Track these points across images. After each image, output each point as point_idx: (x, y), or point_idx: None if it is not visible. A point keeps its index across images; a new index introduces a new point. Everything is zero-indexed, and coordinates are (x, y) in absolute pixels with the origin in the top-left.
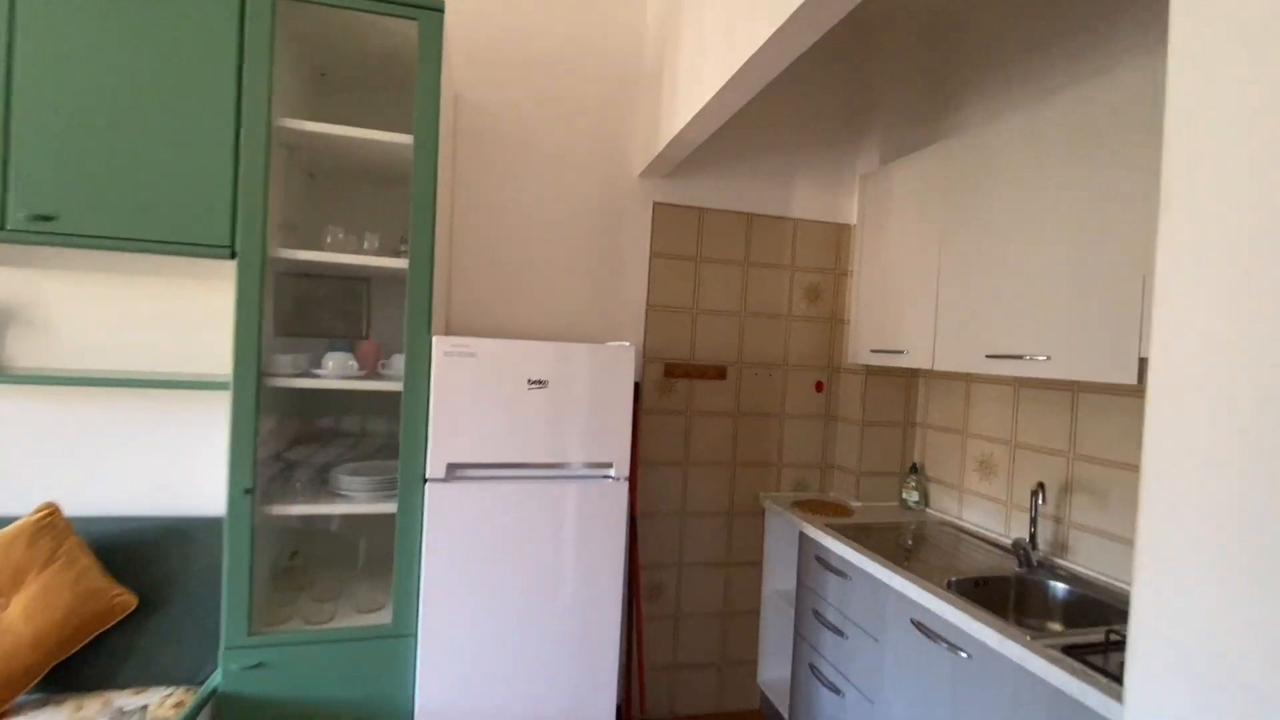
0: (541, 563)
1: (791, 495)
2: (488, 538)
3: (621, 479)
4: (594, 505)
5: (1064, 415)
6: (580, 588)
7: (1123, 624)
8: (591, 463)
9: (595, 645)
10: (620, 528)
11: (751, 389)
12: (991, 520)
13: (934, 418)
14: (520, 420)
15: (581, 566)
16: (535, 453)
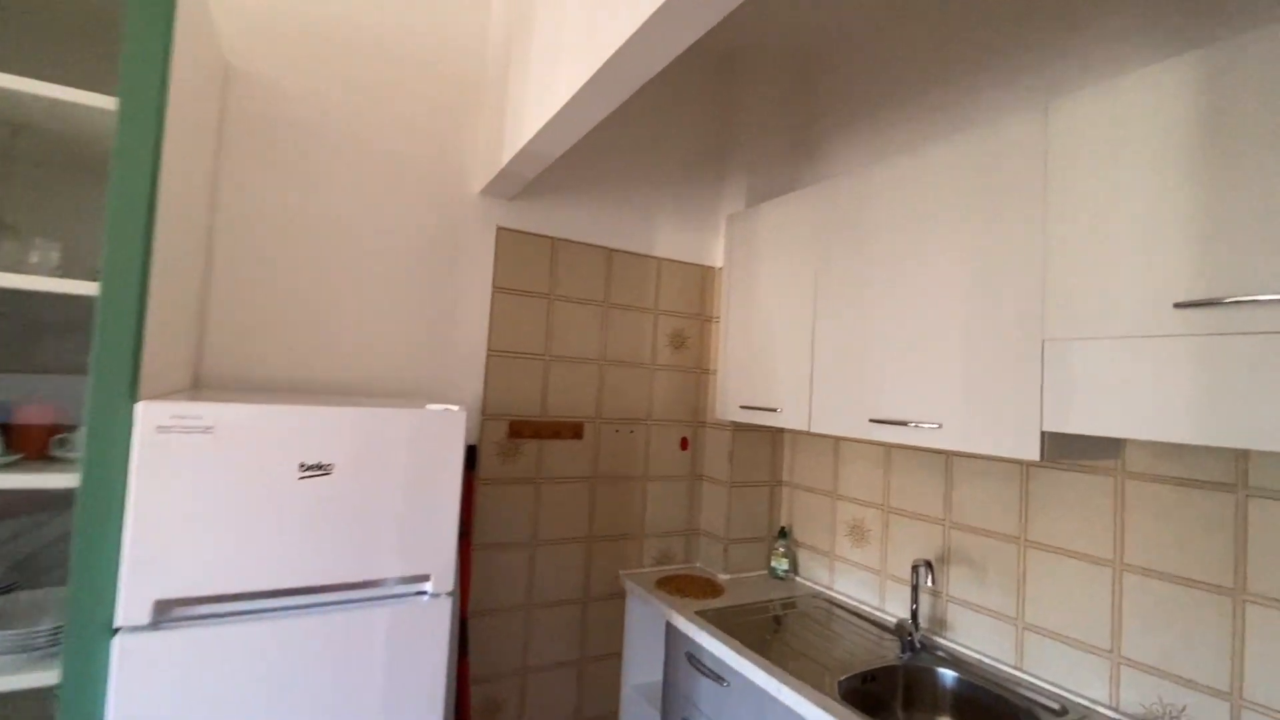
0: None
1: (655, 571)
2: (229, 713)
3: (443, 594)
4: (404, 636)
5: (938, 480)
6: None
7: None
8: (402, 577)
9: None
10: (440, 658)
11: (612, 448)
12: (866, 592)
13: (802, 477)
14: (288, 526)
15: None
16: (310, 573)
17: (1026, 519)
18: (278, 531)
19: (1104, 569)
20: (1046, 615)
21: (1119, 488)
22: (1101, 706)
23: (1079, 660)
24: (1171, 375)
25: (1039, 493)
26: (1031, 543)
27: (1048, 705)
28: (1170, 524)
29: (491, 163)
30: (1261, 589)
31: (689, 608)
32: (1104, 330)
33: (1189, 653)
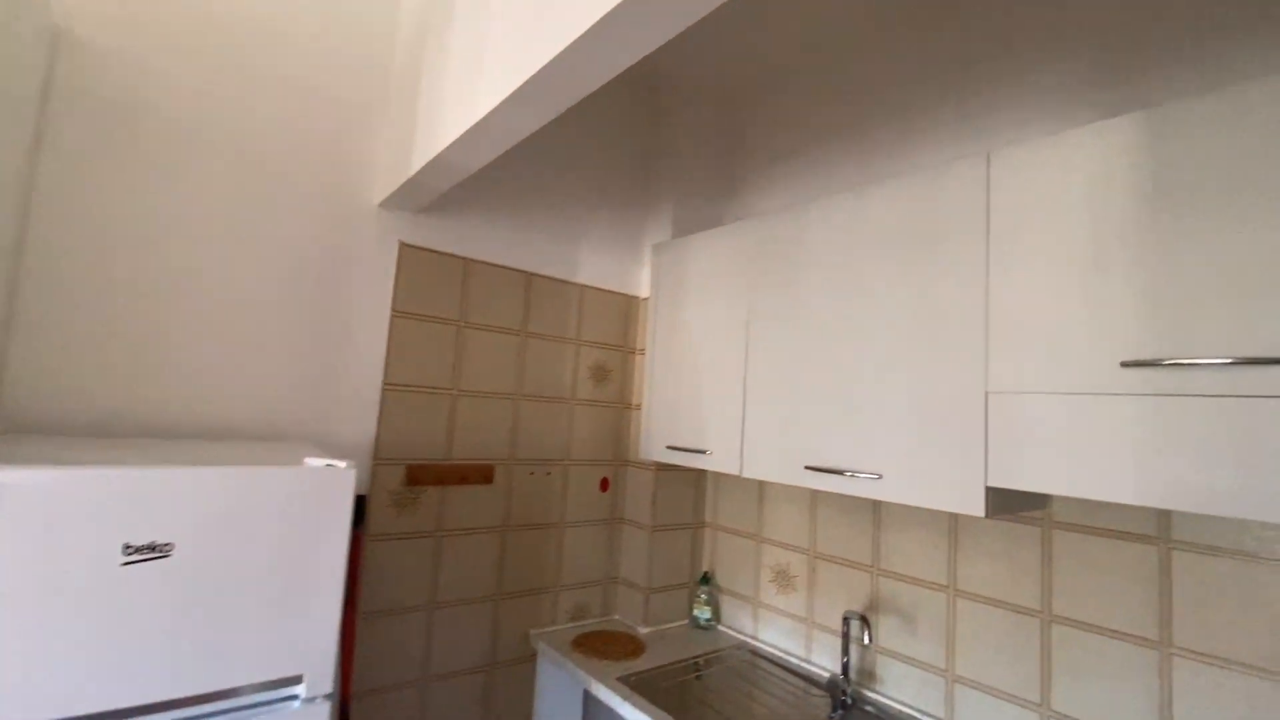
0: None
1: (571, 628)
2: None
3: (319, 698)
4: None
5: (867, 524)
6: None
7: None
8: (266, 682)
9: None
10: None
11: (526, 493)
12: (792, 642)
13: (726, 518)
14: (105, 629)
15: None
16: (135, 690)
17: (956, 567)
18: (92, 638)
19: (1032, 619)
20: (977, 667)
21: (1046, 538)
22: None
23: (1009, 714)
24: (1118, 434)
25: (968, 542)
26: (961, 592)
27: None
28: (1097, 575)
29: (396, 170)
30: (1187, 642)
31: (610, 673)
32: (1050, 385)
33: (1117, 707)
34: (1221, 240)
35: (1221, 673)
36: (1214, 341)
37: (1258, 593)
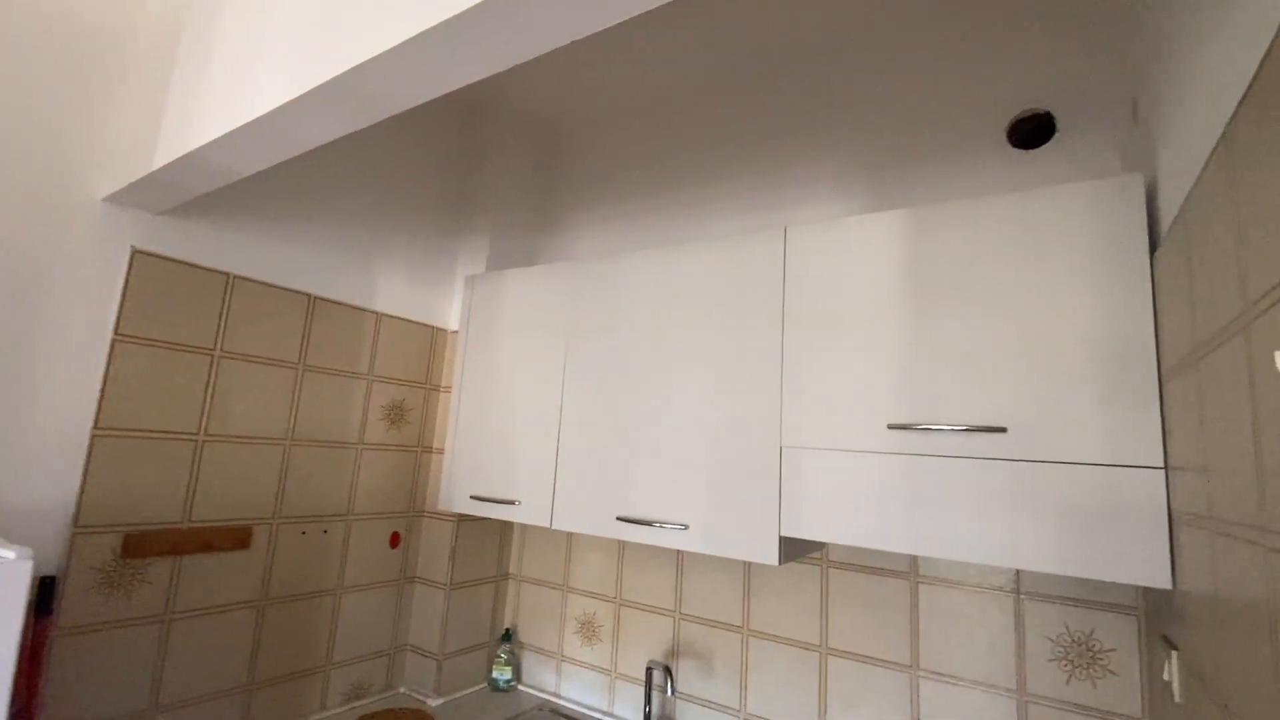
0: None
1: (345, 711)
2: None
3: None
4: None
5: (670, 570)
6: None
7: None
8: None
9: None
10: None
11: (296, 556)
12: (594, 695)
13: (530, 569)
14: None
15: None
16: None
17: (749, 608)
18: None
19: (812, 653)
20: (765, 703)
21: (824, 576)
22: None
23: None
24: (884, 488)
25: (759, 583)
26: (753, 632)
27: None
28: (864, 609)
29: (132, 161)
30: (931, 665)
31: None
32: (831, 443)
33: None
34: (957, 324)
35: (954, 689)
36: (952, 410)
37: (982, 618)
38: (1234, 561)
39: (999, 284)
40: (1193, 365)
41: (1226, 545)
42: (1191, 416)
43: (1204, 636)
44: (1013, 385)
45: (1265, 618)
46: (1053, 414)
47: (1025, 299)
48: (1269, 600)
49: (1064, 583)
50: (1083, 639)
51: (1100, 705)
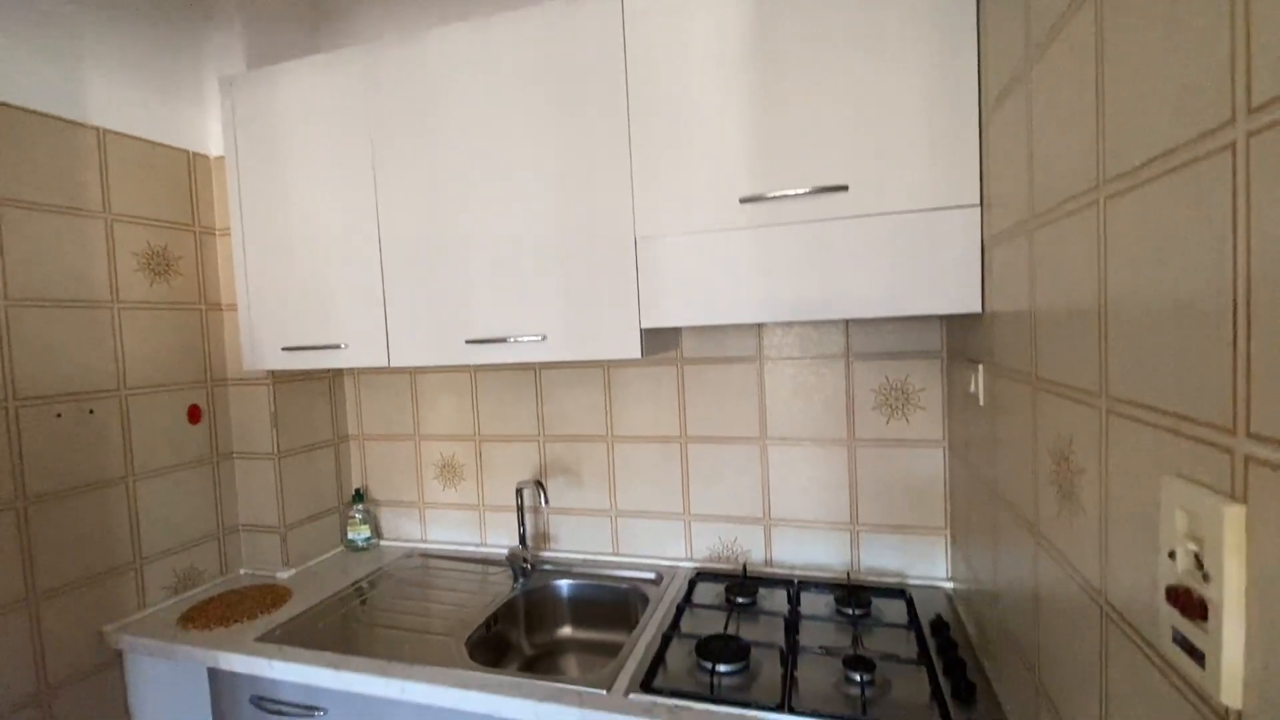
0: None
1: (174, 603)
2: None
3: None
4: None
5: (529, 397)
6: None
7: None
8: None
9: None
10: None
11: (53, 445)
12: (465, 533)
13: (374, 426)
14: None
15: None
16: None
17: (611, 417)
18: None
19: (672, 445)
20: (635, 499)
21: (680, 375)
22: (683, 561)
23: (663, 528)
24: (738, 264)
25: (620, 392)
26: (618, 437)
27: (646, 578)
28: (716, 397)
29: None
30: (776, 432)
31: (244, 637)
32: (686, 226)
33: (737, 494)
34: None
35: (796, 448)
36: (798, 177)
37: (819, 384)
38: (1053, 243)
39: (838, 45)
40: (1021, 85)
41: (1048, 235)
42: (1014, 141)
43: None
44: (852, 146)
45: (1084, 273)
46: (889, 168)
47: (862, 58)
48: (1087, 256)
49: (885, 340)
50: (899, 384)
51: (912, 437)
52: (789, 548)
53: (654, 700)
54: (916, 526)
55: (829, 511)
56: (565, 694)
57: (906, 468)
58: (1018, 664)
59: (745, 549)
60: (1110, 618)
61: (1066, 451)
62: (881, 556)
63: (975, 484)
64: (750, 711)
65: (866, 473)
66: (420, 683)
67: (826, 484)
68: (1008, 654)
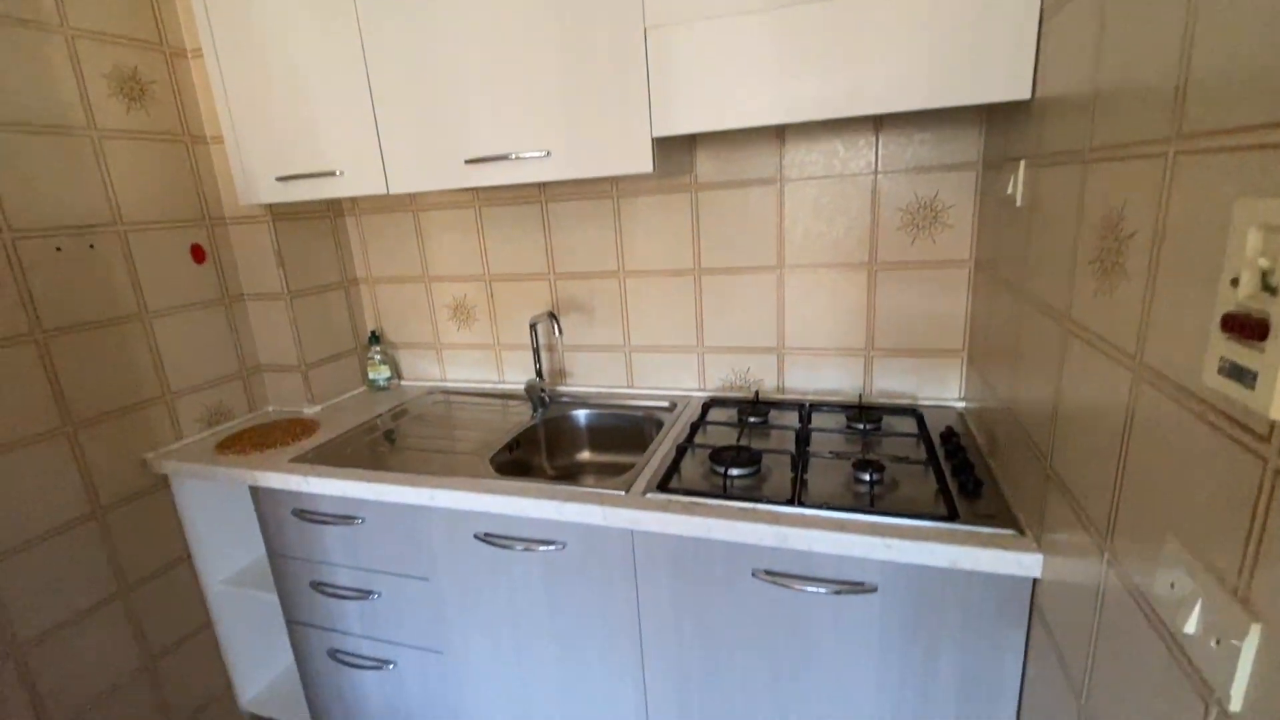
0: None
1: (209, 436)
2: None
3: None
4: None
5: (537, 233)
6: None
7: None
8: None
9: None
10: None
11: (59, 279)
12: (482, 372)
13: (382, 268)
14: None
15: None
16: None
17: (623, 251)
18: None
19: (685, 279)
20: (648, 334)
21: (694, 201)
22: (696, 392)
23: (676, 363)
24: (761, 55)
25: (630, 225)
26: (629, 272)
27: (660, 406)
28: (731, 223)
29: None
30: (794, 259)
31: (280, 458)
32: (702, 9)
33: (748, 327)
34: None
35: (815, 273)
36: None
37: (842, 205)
38: None
39: None
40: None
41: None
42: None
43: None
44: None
45: None
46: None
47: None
48: None
49: (916, 153)
50: (928, 202)
51: (937, 258)
52: (802, 375)
53: (669, 498)
54: (932, 350)
55: (844, 338)
56: (587, 496)
57: (928, 290)
58: (1027, 458)
59: (758, 378)
60: (1144, 379)
61: (1116, 220)
62: (894, 380)
63: (1001, 295)
64: (762, 505)
65: (886, 297)
66: (450, 490)
67: (843, 310)
68: (1017, 452)
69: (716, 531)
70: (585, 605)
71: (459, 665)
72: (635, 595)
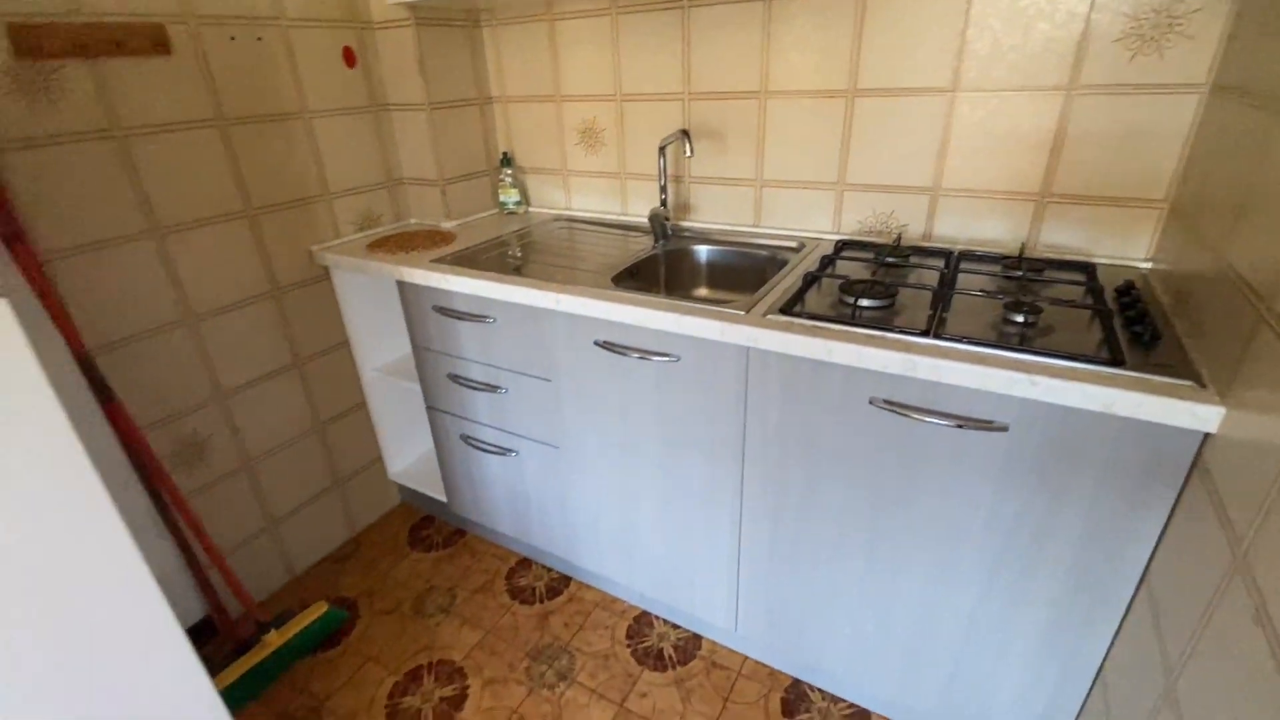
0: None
1: (361, 238)
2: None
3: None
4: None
5: (675, 45)
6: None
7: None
8: None
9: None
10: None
11: (234, 69)
12: (606, 202)
13: (516, 86)
14: None
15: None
16: None
17: (768, 65)
18: None
19: (835, 101)
20: (783, 167)
21: (859, 7)
22: (828, 234)
23: (810, 200)
24: None
25: (781, 33)
26: (772, 93)
27: (787, 247)
28: (900, 31)
29: None
30: (973, 82)
31: (423, 259)
32: None
33: (899, 163)
34: None
35: (994, 98)
36: None
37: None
38: None
39: None
40: None
41: None
42: None
43: None
44: None
45: None
46: None
47: None
48: None
49: None
50: (1164, 4)
51: (1160, 80)
52: (954, 222)
53: (791, 320)
54: (1125, 199)
55: (1015, 179)
56: (705, 312)
57: (1137, 122)
58: (1232, 307)
59: (902, 223)
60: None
61: None
62: (1067, 234)
63: (1251, 126)
64: (891, 333)
65: (1079, 131)
66: (574, 296)
67: (1021, 145)
68: (1216, 304)
69: (838, 355)
70: (692, 417)
71: (572, 460)
72: (743, 412)
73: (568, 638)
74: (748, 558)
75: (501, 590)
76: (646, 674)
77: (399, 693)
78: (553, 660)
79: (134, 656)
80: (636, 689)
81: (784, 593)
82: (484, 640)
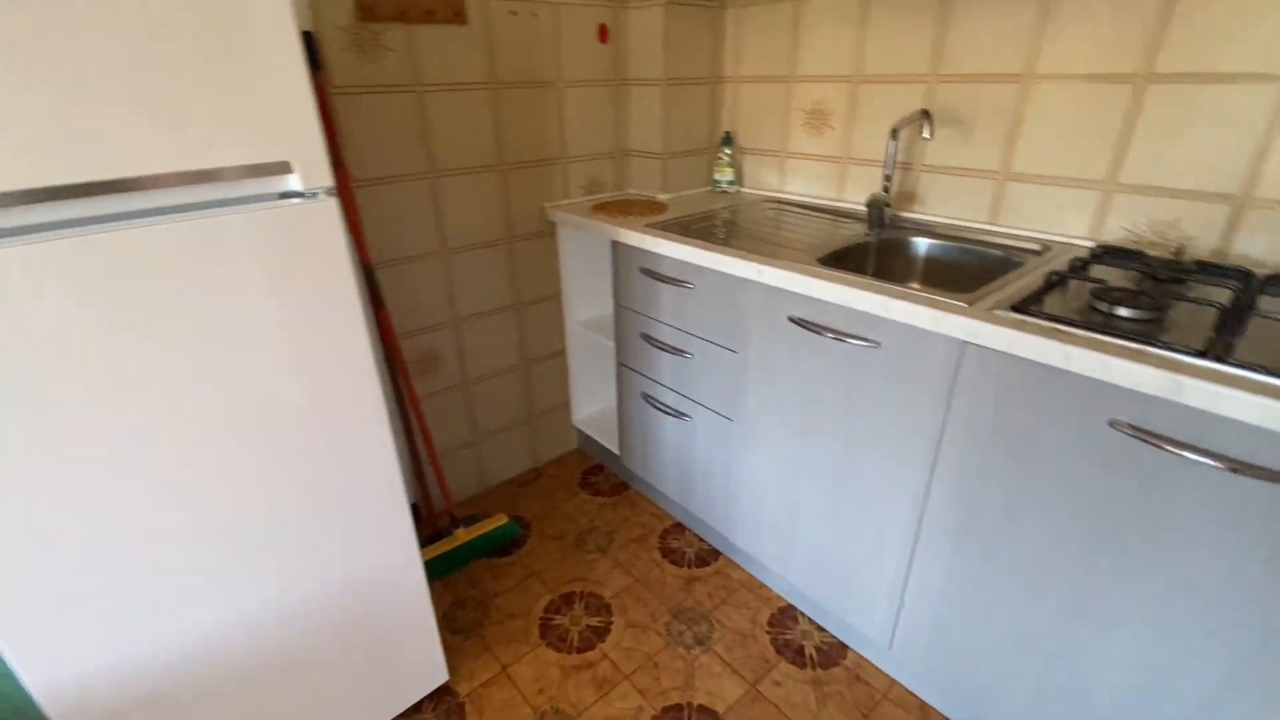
0: (208, 376)
1: (586, 200)
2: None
3: (321, 193)
4: (279, 252)
5: (925, 25)
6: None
7: (1005, 271)
8: (248, 166)
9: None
10: (344, 281)
11: (511, 39)
12: (821, 187)
13: (749, 67)
14: None
15: (294, 359)
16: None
17: (1042, 44)
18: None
19: (1121, 87)
20: (1039, 160)
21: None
22: (1082, 240)
23: (1064, 200)
24: None
25: (1060, 5)
26: (1040, 76)
27: (1027, 249)
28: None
29: None
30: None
31: (638, 223)
32: None
33: (1197, 161)
34: None
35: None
36: None
37: None
38: None
39: None
40: None
41: None
42: None
43: None
44: None
45: None
46: None
47: None
48: None
49: None
50: None
51: None
52: (1265, 240)
53: (1024, 318)
54: None
55: None
56: (919, 298)
57: None
58: None
59: (1187, 235)
60: None
61: None
62: None
63: None
64: (1154, 348)
65: None
66: (777, 269)
67: None
68: None
69: (1077, 363)
70: (882, 411)
71: (744, 435)
72: (944, 415)
73: (710, 607)
74: (919, 573)
75: (654, 546)
76: (784, 665)
77: (553, 610)
78: (693, 623)
79: (375, 513)
80: (771, 676)
81: (955, 621)
82: (632, 586)
